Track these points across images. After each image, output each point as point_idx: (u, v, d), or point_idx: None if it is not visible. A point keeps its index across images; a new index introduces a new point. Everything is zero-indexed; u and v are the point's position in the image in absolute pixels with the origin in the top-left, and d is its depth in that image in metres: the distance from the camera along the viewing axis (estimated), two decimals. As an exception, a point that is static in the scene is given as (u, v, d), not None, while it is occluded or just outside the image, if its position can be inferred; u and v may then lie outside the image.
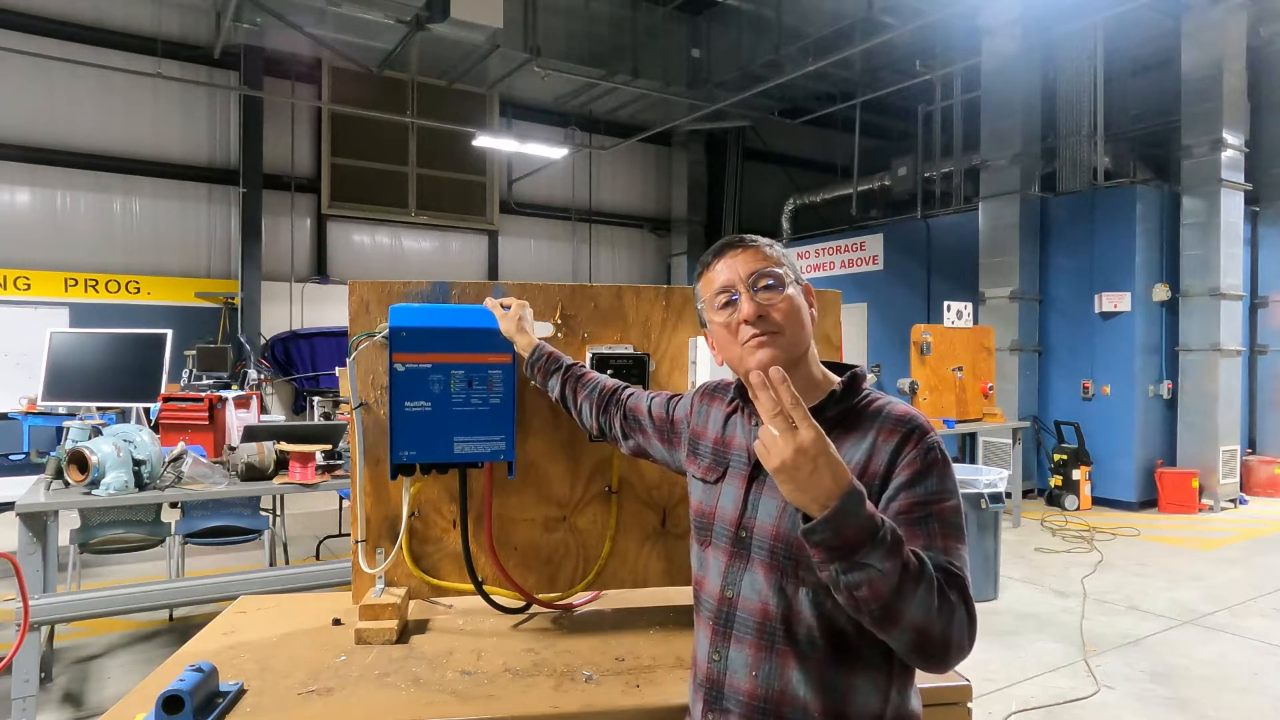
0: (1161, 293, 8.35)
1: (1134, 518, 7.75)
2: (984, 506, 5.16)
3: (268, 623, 1.88)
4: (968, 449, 8.37)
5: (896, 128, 13.33)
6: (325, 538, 6.14)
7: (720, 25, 11.41)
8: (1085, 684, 3.88)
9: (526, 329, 1.77)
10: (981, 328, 8.02)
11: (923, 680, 1.57)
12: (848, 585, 1.01)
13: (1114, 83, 9.57)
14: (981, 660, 4.16)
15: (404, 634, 1.80)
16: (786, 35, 10.27)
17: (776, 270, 1.25)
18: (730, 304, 1.26)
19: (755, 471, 1.26)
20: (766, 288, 1.24)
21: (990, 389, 7.57)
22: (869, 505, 1.01)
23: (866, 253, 11.39)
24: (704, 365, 1.97)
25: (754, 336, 1.22)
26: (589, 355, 1.95)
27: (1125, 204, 8.41)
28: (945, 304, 8.12)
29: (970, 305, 8.32)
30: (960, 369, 7.30)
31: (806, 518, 1.01)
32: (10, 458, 5.80)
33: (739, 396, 1.37)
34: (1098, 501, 8.28)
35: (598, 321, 1.98)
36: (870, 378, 1.46)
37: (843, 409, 1.24)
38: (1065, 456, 8.26)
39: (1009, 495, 6.01)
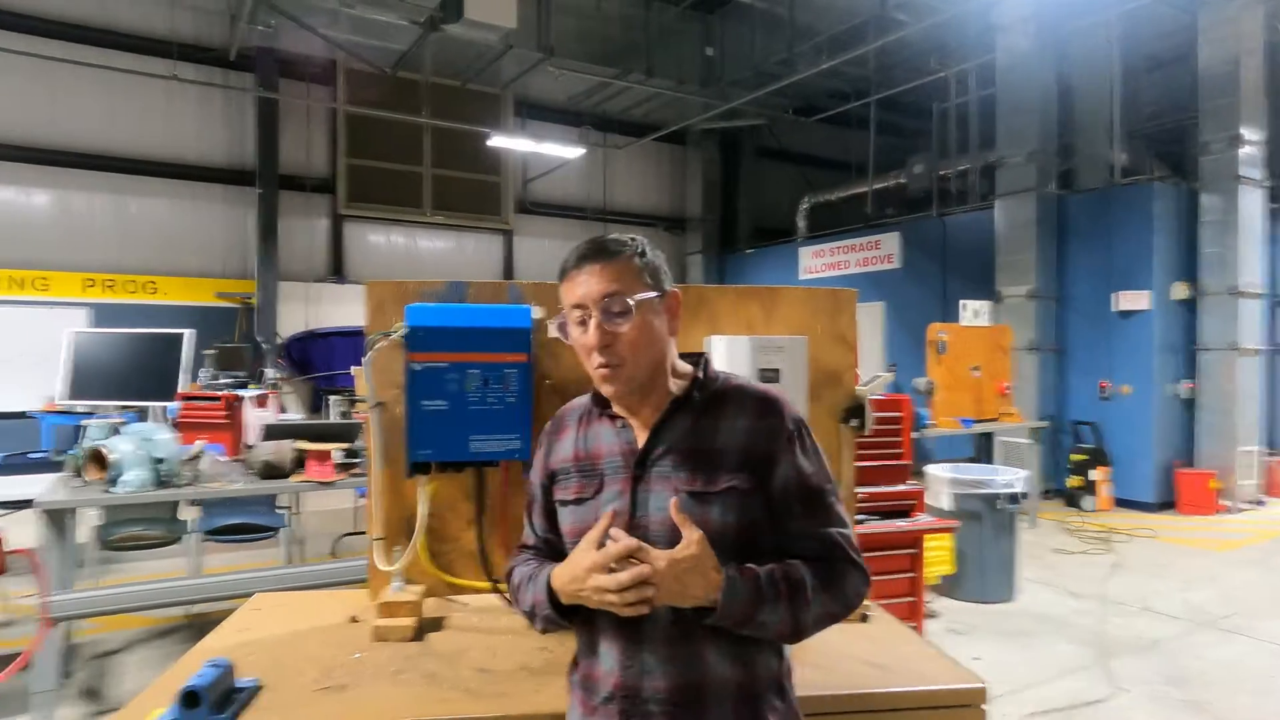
0: (1181, 291, 8.25)
1: (1152, 519, 7.67)
2: (1000, 507, 5.12)
3: (283, 620, 1.90)
4: (984, 449, 8.31)
5: (912, 125, 13.26)
6: (342, 535, 6.17)
7: (734, 23, 11.39)
8: (1101, 686, 3.84)
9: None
10: (999, 327, 7.96)
11: (937, 682, 1.56)
12: (759, 635, 1.20)
13: (1130, 79, 9.48)
14: (997, 662, 4.13)
15: (420, 631, 1.81)
16: (800, 33, 10.23)
17: (627, 298, 1.24)
18: (584, 323, 1.27)
19: (639, 470, 1.26)
20: (617, 313, 1.24)
21: (1007, 388, 7.51)
22: (745, 575, 1.17)
23: (882, 251, 11.32)
24: (719, 363, 1.97)
25: (600, 366, 1.25)
26: (603, 354, 1.94)
27: (1143, 201, 8.32)
28: (962, 302, 8.08)
29: (987, 304, 8.26)
30: (978, 368, 7.25)
31: (705, 610, 1.15)
32: (31, 456, 5.87)
33: (597, 404, 1.36)
34: (1116, 502, 8.20)
35: (612, 321, 1.98)
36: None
37: (705, 395, 1.30)
38: (1083, 457, 8.19)
39: (1026, 496, 5.96)
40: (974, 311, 7.98)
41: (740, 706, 1.22)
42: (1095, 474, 8.07)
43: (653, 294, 1.27)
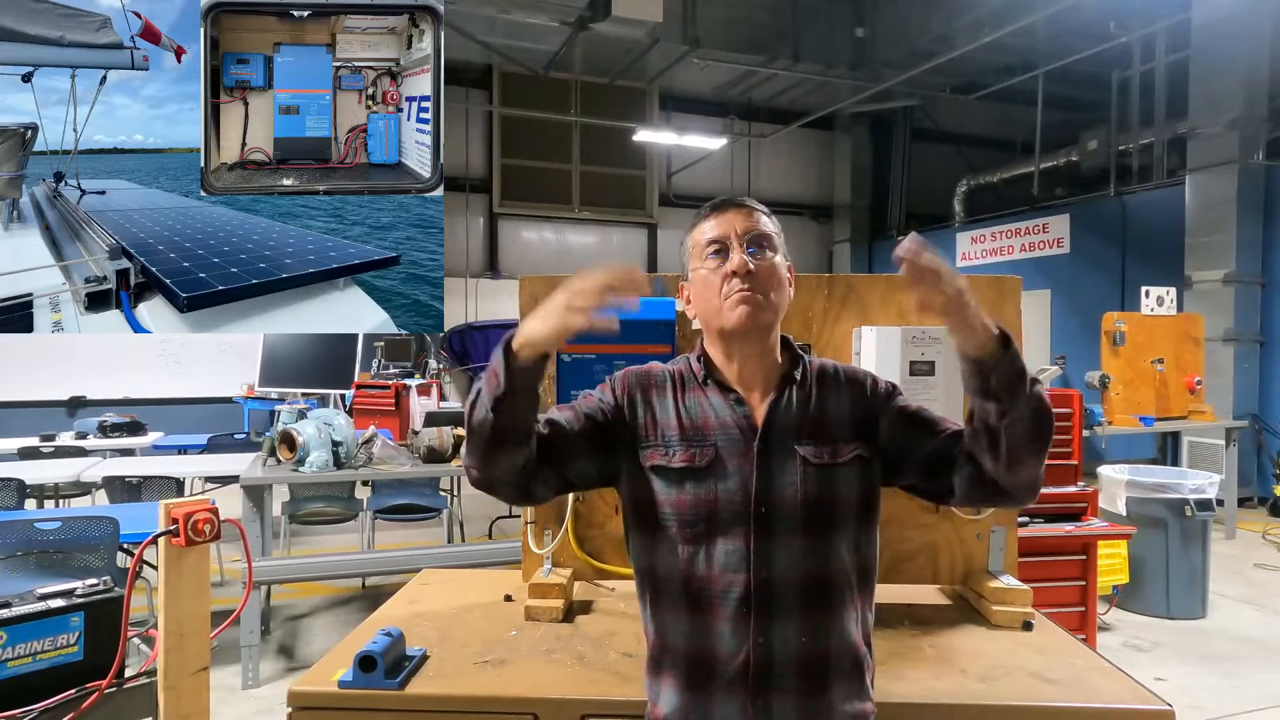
0: None
1: (1383, 535, 6.68)
2: (1189, 515, 4.64)
3: (447, 595, 2.03)
4: (1169, 450, 7.55)
5: (1085, 98, 12.16)
6: (497, 518, 6.51)
7: (886, 1, 10.90)
8: (1317, 721, 3.41)
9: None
10: (1187, 315, 7.19)
11: (1117, 702, 1.44)
12: (1035, 402, 1.15)
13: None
14: (1185, 686, 3.75)
15: (569, 613, 1.88)
16: (959, 6, 9.64)
17: (771, 236, 1.28)
18: (720, 255, 1.26)
19: (764, 446, 1.23)
20: (759, 248, 1.26)
21: (1198, 384, 6.78)
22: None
23: (1050, 235, 10.53)
24: (869, 356, 1.91)
25: (740, 291, 1.23)
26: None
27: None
28: (1143, 289, 7.36)
29: (1174, 290, 7.48)
30: (1161, 361, 6.60)
31: (981, 364, 1.12)
32: (235, 436, 6.61)
33: (702, 371, 1.30)
34: (1335, 514, 7.22)
35: (758, 312, 1.96)
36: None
37: (807, 371, 1.32)
38: (1293, 461, 7.26)
39: (1221, 503, 5.36)
40: (1158, 299, 7.25)
41: (853, 673, 1.23)
42: (1309, 481, 7.14)
43: (783, 251, 1.31)
